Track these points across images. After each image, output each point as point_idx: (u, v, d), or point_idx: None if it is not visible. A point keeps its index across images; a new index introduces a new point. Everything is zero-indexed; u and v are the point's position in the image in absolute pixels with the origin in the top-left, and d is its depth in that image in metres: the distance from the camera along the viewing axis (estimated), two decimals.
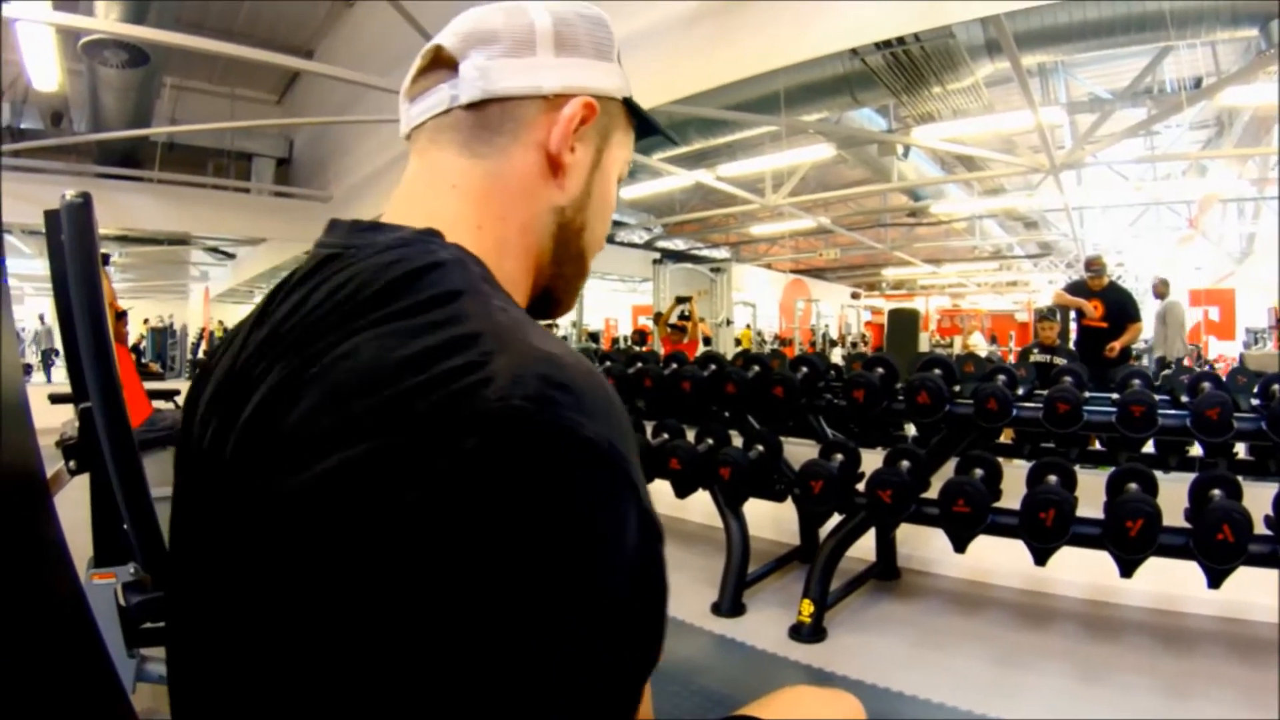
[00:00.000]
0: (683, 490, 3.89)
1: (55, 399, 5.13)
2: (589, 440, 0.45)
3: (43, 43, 5.78)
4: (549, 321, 0.83)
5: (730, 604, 3.62)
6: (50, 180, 8.77)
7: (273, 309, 0.61)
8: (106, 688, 0.92)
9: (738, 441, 4.00)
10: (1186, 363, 11.01)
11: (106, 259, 2.38)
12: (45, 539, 0.87)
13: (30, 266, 13.14)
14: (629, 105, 0.76)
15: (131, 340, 13.30)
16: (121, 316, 5.82)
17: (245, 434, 0.53)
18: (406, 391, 0.45)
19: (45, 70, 6.23)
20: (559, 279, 0.73)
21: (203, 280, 18.46)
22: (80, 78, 8.01)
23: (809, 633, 3.31)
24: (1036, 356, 5.99)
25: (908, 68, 6.45)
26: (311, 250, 0.66)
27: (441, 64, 0.69)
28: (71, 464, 2.57)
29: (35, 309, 16.49)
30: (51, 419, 3.65)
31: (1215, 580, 2.80)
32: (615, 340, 17.06)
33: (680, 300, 9.91)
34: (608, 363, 5.04)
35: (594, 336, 16.75)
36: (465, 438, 0.43)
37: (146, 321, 16.23)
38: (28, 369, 14.33)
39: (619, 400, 0.51)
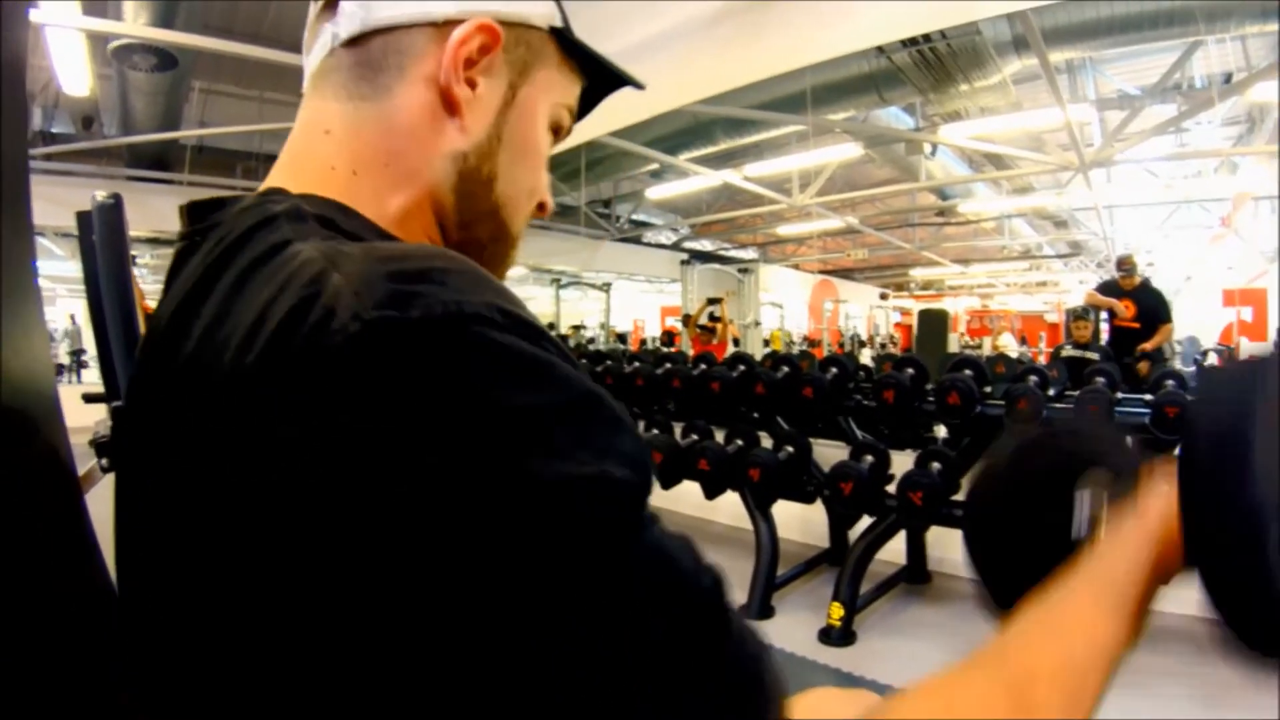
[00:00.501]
0: (712, 491, 3.87)
1: (89, 398, 5.22)
2: (480, 314, 0.38)
3: (73, 48, 5.87)
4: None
5: (759, 606, 3.60)
6: (82, 183, 8.91)
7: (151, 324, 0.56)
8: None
9: (767, 443, 3.98)
10: (1219, 363, 10.85)
11: (134, 259, 2.41)
12: (77, 535, 0.88)
13: (63, 268, 13.32)
14: (561, 38, 0.64)
15: None
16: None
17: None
18: (245, 378, 0.39)
19: (75, 75, 6.34)
20: (472, 242, 0.61)
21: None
22: (110, 82, 8.12)
23: (838, 636, 3.28)
24: (1069, 351, 5.92)
25: (934, 65, 6.40)
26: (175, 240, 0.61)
27: (331, 6, 0.60)
28: (103, 461, 2.61)
29: (68, 310, 16.73)
30: (86, 418, 3.71)
31: None
32: (643, 341, 17.05)
33: (711, 302, 9.90)
34: (636, 364, 5.04)
35: (622, 338, 16.75)
36: (328, 390, 0.36)
37: None
38: (60, 369, 14.56)
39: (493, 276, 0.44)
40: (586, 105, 0.71)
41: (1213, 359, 11.32)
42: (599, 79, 0.69)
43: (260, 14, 8.68)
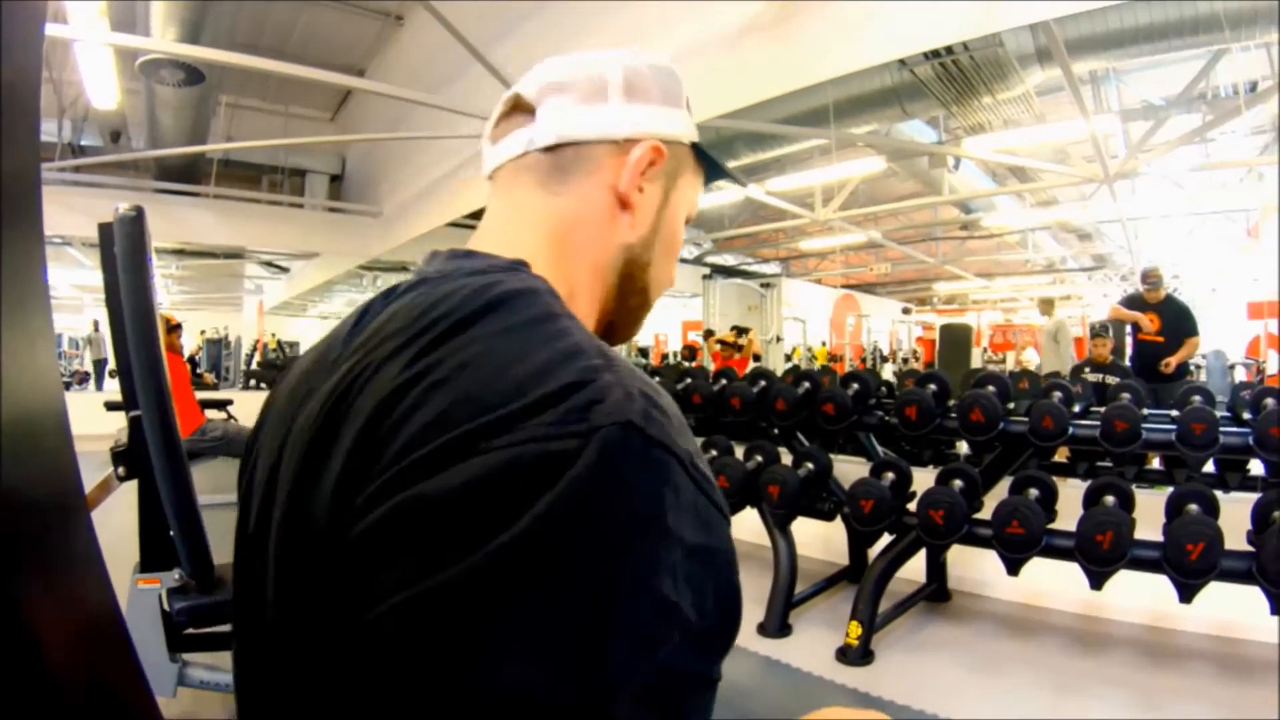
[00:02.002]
0: (730, 509, 3.84)
1: (110, 406, 5.29)
2: (680, 457, 0.49)
3: (101, 63, 5.96)
4: None
5: (777, 624, 3.56)
6: (110, 195, 9.07)
7: (369, 318, 0.65)
8: (139, 708, 0.91)
9: (787, 459, 3.95)
10: (1246, 377, 10.70)
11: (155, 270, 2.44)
12: (79, 555, 0.87)
13: (91, 278, 13.53)
14: (696, 150, 0.79)
15: (188, 351, 13.64)
16: (176, 329, 5.95)
17: (365, 432, 0.53)
18: (535, 403, 0.48)
19: (104, 89, 6.42)
20: (624, 311, 0.77)
21: (256, 293, 18.84)
22: (138, 96, 8.25)
23: (856, 655, 3.24)
24: (1089, 375, 5.82)
25: (957, 78, 6.36)
26: (413, 274, 0.70)
27: (520, 110, 0.74)
28: (120, 470, 2.63)
29: (93, 319, 16.95)
30: (107, 425, 3.74)
31: (1278, 605, 2.68)
32: (665, 355, 17.03)
33: (739, 331, 9.91)
34: (656, 378, 5.03)
35: (644, 351, 16.75)
36: (585, 449, 0.46)
37: (203, 333, 16.60)
38: (85, 377, 14.76)
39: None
40: None
41: (1240, 373, 11.16)
42: (710, 173, 0.85)
43: (287, 30, 8.81)
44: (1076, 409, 3.53)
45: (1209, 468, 3.79)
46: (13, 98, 0.79)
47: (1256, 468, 3.74)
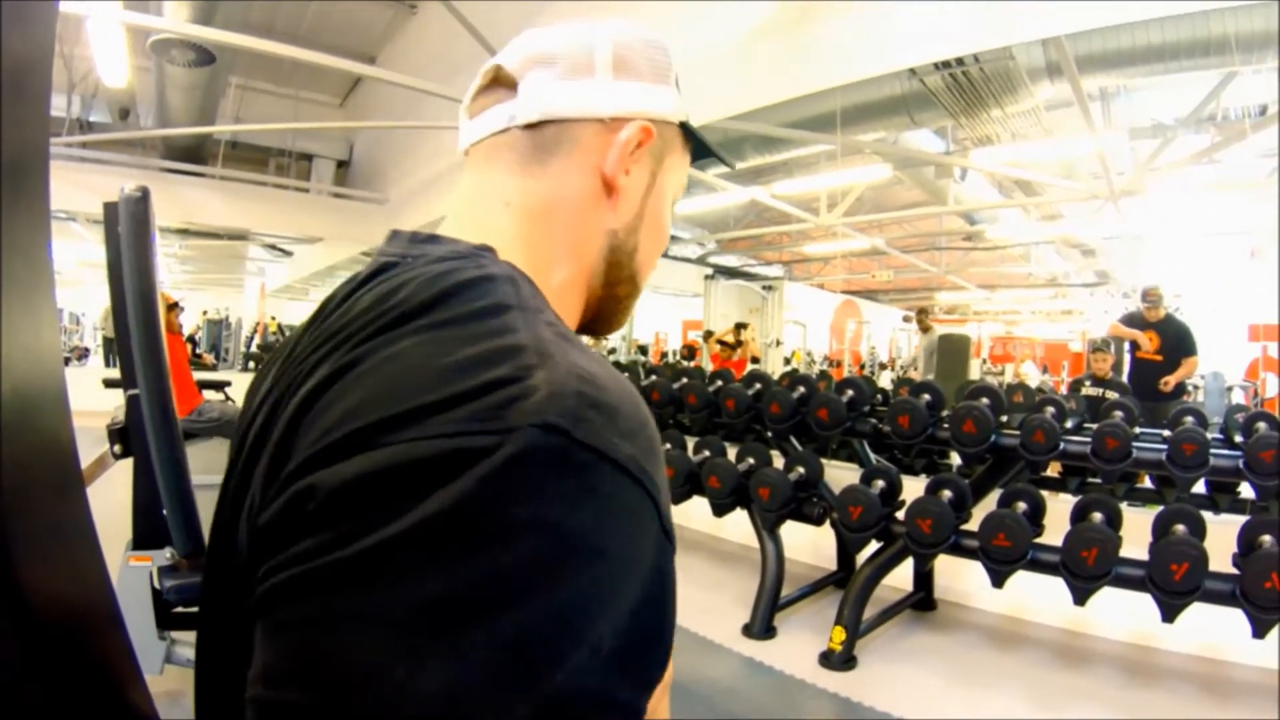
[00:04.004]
0: (720, 510, 3.86)
1: (109, 384, 5.29)
2: (618, 462, 0.45)
3: (113, 41, 5.96)
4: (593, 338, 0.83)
5: (761, 627, 3.57)
6: (117, 172, 9.06)
7: (328, 310, 0.63)
8: (127, 685, 0.93)
9: (779, 463, 3.96)
10: (1244, 400, 10.69)
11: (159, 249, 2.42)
12: (74, 533, 0.88)
13: (94, 254, 13.51)
14: (685, 128, 0.76)
15: (188, 331, 13.64)
16: (174, 307, 5.96)
17: (290, 423, 0.52)
18: (448, 399, 0.45)
19: (115, 67, 6.42)
20: (611, 299, 0.74)
21: (259, 275, 18.82)
22: (148, 75, 8.25)
23: (839, 660, 3.25)
24: (1088, 389, 5.84)
25: (966, 89, 6.36)
26: (373, 258, 0.67)
27: (501, 83, 0.70)
28: (116, 449, 2.65)
29: (98, 296, 16.94)
30: (107, 402, 3.75)
31: (1261, 630, 2.70)
32: (664, 354, 17.02)
33: (739, 327, 9.91)
34: (653, 377, 5.04)
35: (643, 349, 16.74)
36: (498, 449, 0.42)
37: (205, 313, 16.58)
38: (84, 353, 14.75)
39: (652, 421, 0.51)
40: None
41: (1238, 395, 11.16)
42: (697, 152, 0.81)
43: (299, 15, 8.81)
44: (1069, 424, 3.54)
45: (1199, 488, 3.81)
46: (24, 75, 0.80)
47: (1247, 491, 3.76)
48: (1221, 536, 2.95)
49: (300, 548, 0.43)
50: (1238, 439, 3.30)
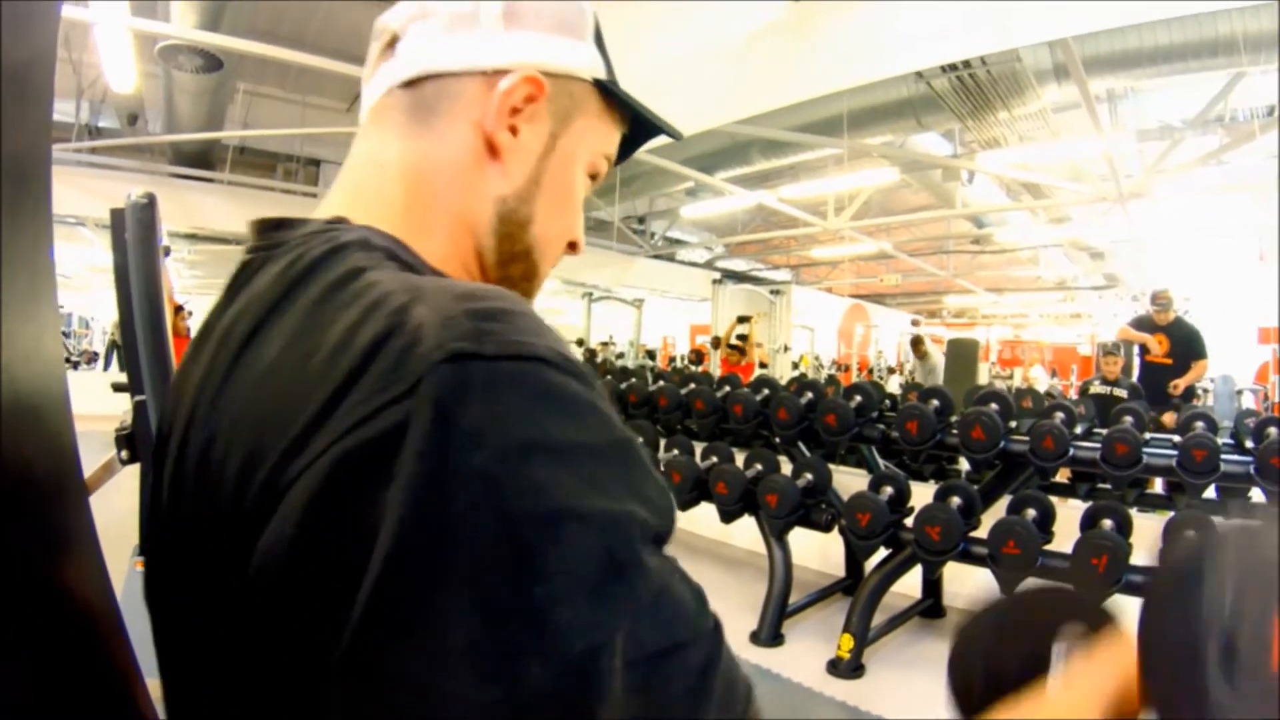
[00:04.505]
0: (728, 516, 3.85)
1: (117, 388, 5.30)
2: (545, 359, 0.41)
3: (121, 46, 5.99)
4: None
5: (769, 634, 3.56)
6: (125, 177, 9.11)
7: (206, 328, 0.59)
8: (129, 686, 0.92)
9: (787, 468, 3.95)
10: (1254, 403, 10.64)
11: (168, 251, 2.44)
12: (75, 537, 0.88)
13: (103, 259, 13.57)
14: (606, 90, 0.67)
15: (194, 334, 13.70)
16: (179, 311, 5.98)
17: (175, 484, 0.50)
18: (340, 386, 0.40)
19: (123, 72, 6.46)
20: (505, 280, 0.65)
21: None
22: (156, 80, 8.26)
23: (847, 668, 3.24)
24: (1098, 388, 5.81)
25: (973, 92, 6.36)
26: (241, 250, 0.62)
27: (393, 45, 0.64)
28: (124, 454, 2.64)
29: (107, 300, 17.04)
30: (115, 406, 3.76)
31: None
32: (672, 359, 17.01)
33: (741, 320, 9.88)
34: (660, 383, 5.03)
35: (651, 354, 16.73)
36: (419, 411, 0.38)
37: None
38: (93, 357, 14.81)
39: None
40: (626, 149, 0.74)
41: (1248, 398, 11.10)
42: (639, 125, 0.72)
43: (306, 20, 8.83)
44: (1079, 430, 3.52)
45: (1210, 493, 3.78)
46: (26, 81, 0.80)
47: (1258, 495, 3.73)
48: None
49: (304, 617, 0.39)
50: (1248, 444, 3.27)
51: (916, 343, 10.41)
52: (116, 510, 2.50)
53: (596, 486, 0.40)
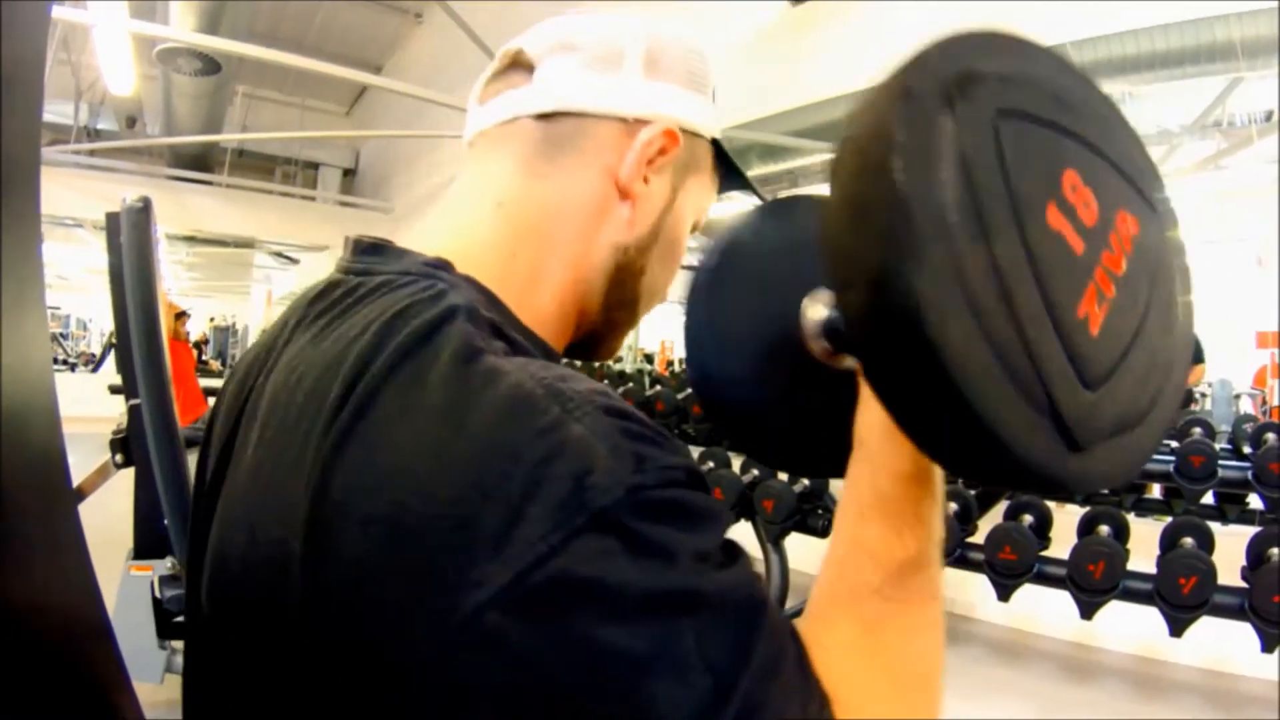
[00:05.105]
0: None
1: (114, 389, 5.29)
2: (683, 482, 0.44)
3: (120, 49, 5.97)
4: None
5: None
6: (124, 180, 9.11)
7: (280, 346, 0.56)
8: (115, 694, 0.92)
9: (783, 474, 3.93)
10: (1252, 407, 10.63)
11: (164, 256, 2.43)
12: (63, 545, 0.87)
13: (101, 261, 13.60)
14: (717, 149, 0.68)
15: (195, 337, 13.70)
16: (181, 316, 5.97)
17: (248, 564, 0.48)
18: (511, 518, 0.39)
19: (122, 75, 6.44)
20: (606, 325, 0.65)
21: (265, 283, 18.89)
22: (155, 83, 8.29)
23: None
24: None
25: None
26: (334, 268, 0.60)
27: (519, 67, 0.62)
28: (118, 458, 2.64)
29: (105, 302, 17.06)
30: (112, 408, 3.75)
31: (1269, 644, 2.67)
32: (670, 363, 17.00)
33: None
34: (658, 387, 5.03)
35: (649, 358, 16.72)
36: (609, 545, 0.39)
37: (212, 320, 16.67)
38: (91, 359, 14.83)
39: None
40: None
41: (1246, 403, 11.10)
42: (727, 180, 0.72)
43: (305, 24, 8.86)
44: None
45: (1208, 499, 3.77)
46: (15, 82, 0.80)
47: (1256, 501, 3.73)
48: (1230, 549, 2.92)
49: None
50: (1246, 450, 3.27)
51: None
52: (111, 514, 2.50)
53: (733, 564, 0.44)
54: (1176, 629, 2.80)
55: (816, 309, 0.61)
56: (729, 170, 0.70)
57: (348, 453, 0.44)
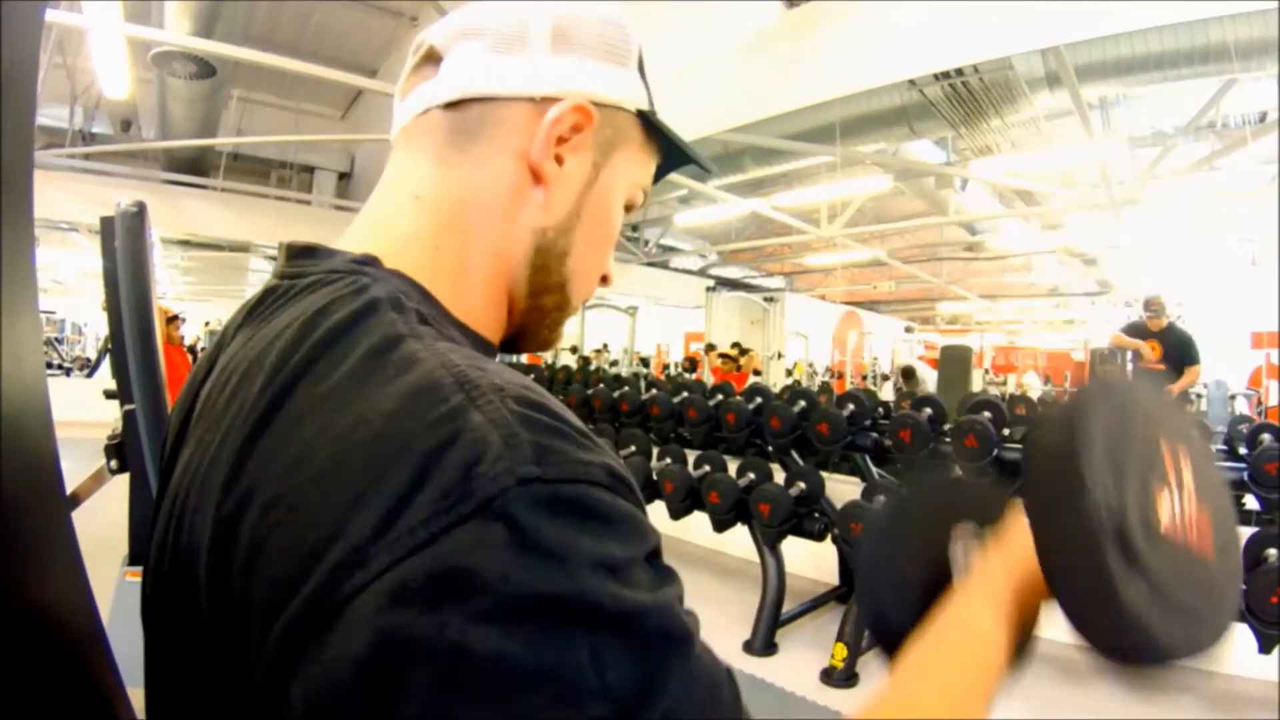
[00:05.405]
0: (720, 525, 3.83)
1: (109, 394, 5.29)
2: (596, 479, 0.42)
3: (114, 53, 5.97)
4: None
5: (762, 643, 3.54)
6: (119, 184, 9.09)
7: (221, 354, 0.58)
8: (110, 699, 0.91)
9: (780, 477, 3.93)
10: (1247, 408, 10.67)
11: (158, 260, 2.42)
12: (58, 550, 0.87)
13: (97, 265, 13.58)
14: (647, 120, 0.66)
15: (190, 341, 13.66)
16: (173, 320, 5.96)
17: (217, 566, 0.45)
18: (393, 506, 0.39)
19: (116, 79, 6.43)
20: (535, 310, 0.64)
21: (260, 287, 18.87)
22: (150, 87, 8.29)
23: (840, 677, 3.22)
24: None
25: (966, 99, 6.37)
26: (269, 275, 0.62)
27: (431, 60, 0.62)
28: (113, 464, 2.63)
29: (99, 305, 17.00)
30: (107, 413, 3.74)
31: (1266, 645, 2.67)
32: (666, 366, 17.01)
33: (742, 351, 9.93)
34: (654, 391, 5.02)
35: (645, 361, 16.73)
36: (492, 536, 0.38)
37: (207, 324, 16.63)
38: (86, 363, 14.79)
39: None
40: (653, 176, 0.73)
41: (1242, 404, 11.13)
42: (670, 154, 0.71)
43: (301, 27, 8.86)
44: None
45: None
46: (7, 85, 0.79)
47: (1252, 502, 3.73)
48: None
49: None
50: (1242, 451, 3.28)
51: (908, 374, 10.51)
52: (106, 520, 2.48)
53: (639, 586, 0.41)
54: None
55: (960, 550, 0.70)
56: (670, 148, 0.69)
57: (260, 444, 0.45)
